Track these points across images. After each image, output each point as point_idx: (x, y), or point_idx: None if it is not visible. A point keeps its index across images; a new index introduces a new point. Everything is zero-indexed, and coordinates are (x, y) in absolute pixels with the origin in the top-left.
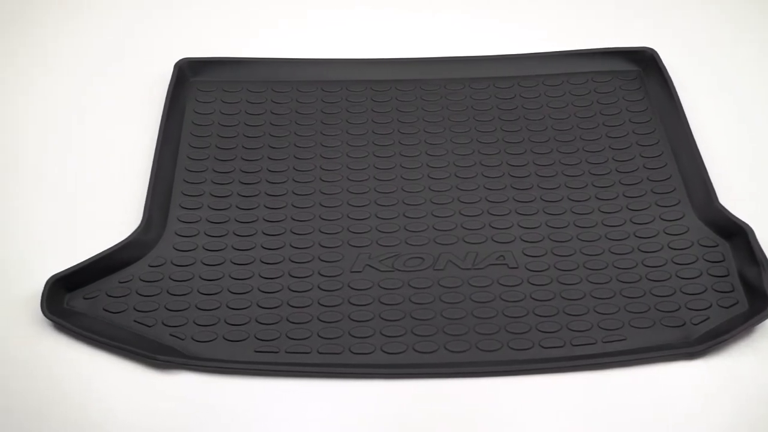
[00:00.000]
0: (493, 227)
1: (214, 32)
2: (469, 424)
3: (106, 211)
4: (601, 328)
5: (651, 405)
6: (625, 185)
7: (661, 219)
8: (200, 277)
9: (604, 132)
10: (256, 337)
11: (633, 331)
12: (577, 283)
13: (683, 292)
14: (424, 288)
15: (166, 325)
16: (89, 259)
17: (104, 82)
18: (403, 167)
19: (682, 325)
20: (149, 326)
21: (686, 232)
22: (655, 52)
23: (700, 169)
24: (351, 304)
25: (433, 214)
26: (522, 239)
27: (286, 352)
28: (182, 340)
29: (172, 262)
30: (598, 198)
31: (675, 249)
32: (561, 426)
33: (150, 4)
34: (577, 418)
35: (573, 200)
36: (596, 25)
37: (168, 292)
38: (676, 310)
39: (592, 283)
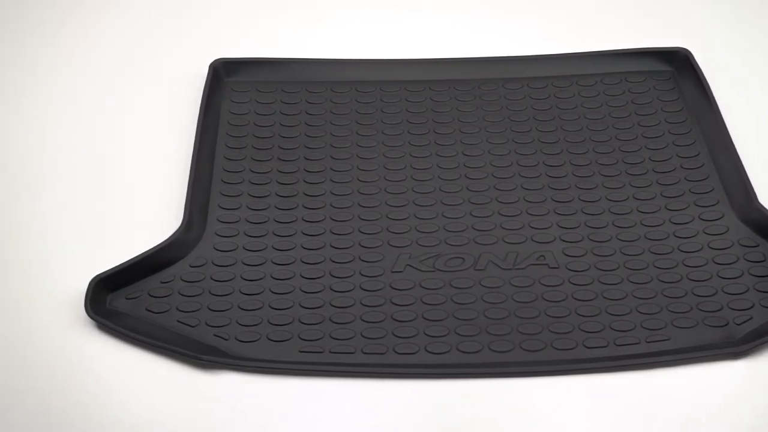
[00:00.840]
0: (532, 227)
1: (247, 32)
2: (513, 424)
3: (144, 211)
4: (644, 328)
5: (695, 405)
6: (662, 185)
7: (701, 219)
8: (242, 278)
9: (640, 132)
10: (299, 337)
11: (676, 331)
12: (618, 283)
13: (725, 292)
14: (465, 288)
15: (209, 325)
16: (132, 259)
17: (139, 82)
18: (440, 167)
19: (725, 325)
20: (192, 326)
21: (726, 231)
22: (689, 53)
23: (738, 169)
24: (393, 304)
25: (471, 214)
26: (561, 239)
27: (331, 352)
28: (226, 340)
29: (213, 263)
30: (636, 198)
31: (715, 249)
32: (605, 426)
33: (182, 4)
34: (621, 418)
35: (611, 200)
36: (628, 25)
37: (210, 292)
38: (719, 310)
39: (633, 282)
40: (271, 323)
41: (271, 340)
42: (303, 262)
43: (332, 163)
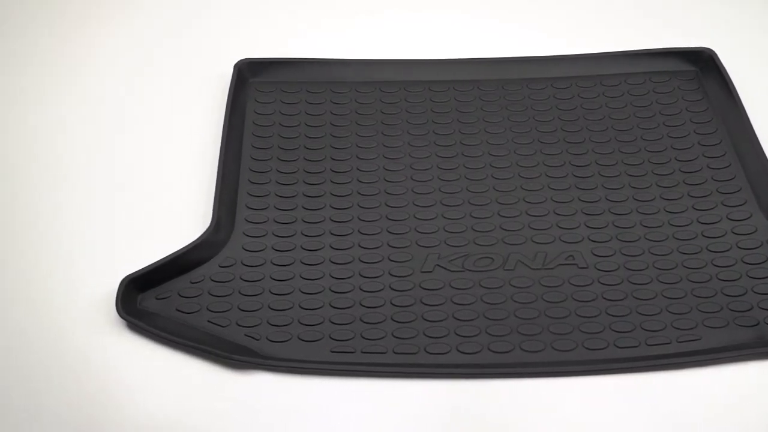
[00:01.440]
0: (560, 227)
1: (272, 33)
2: (544, 423)
3: (173, 212)
4: (675, 327)
5: (727, 405)
6: (689, 185)
7: (728, 219)
8: (271, 278)
9: (666, 132)
10: (331, 338)
11: (707, 331)
12: (648, 283)
13: (755, 292)
14: (495, 288)
15: (240, 325)
16: (161, 259)
17: (165, 83)
18: (466, 167)
19: (756, 324)
20: (223, 326)
21: (755, 231)
22: (714, 53)
23: (765, 168)
24: (423, 304)
25: (499, 214)
26: (590, 239)
27: (362, 352)
28: (257, 340)
29: (242, 263)
30: (663, 198)
31: (744, 249)
32: (636, 426)
33: (207, 5)
34: (653, 418)
35: (638, 200)
36: (652, 25)
37: (240, 292)
38: (749, 309)
39: (662, 282)
40: (301, 323)
41: (302, 340)
42: (332, 262)
43: (359, 163)
